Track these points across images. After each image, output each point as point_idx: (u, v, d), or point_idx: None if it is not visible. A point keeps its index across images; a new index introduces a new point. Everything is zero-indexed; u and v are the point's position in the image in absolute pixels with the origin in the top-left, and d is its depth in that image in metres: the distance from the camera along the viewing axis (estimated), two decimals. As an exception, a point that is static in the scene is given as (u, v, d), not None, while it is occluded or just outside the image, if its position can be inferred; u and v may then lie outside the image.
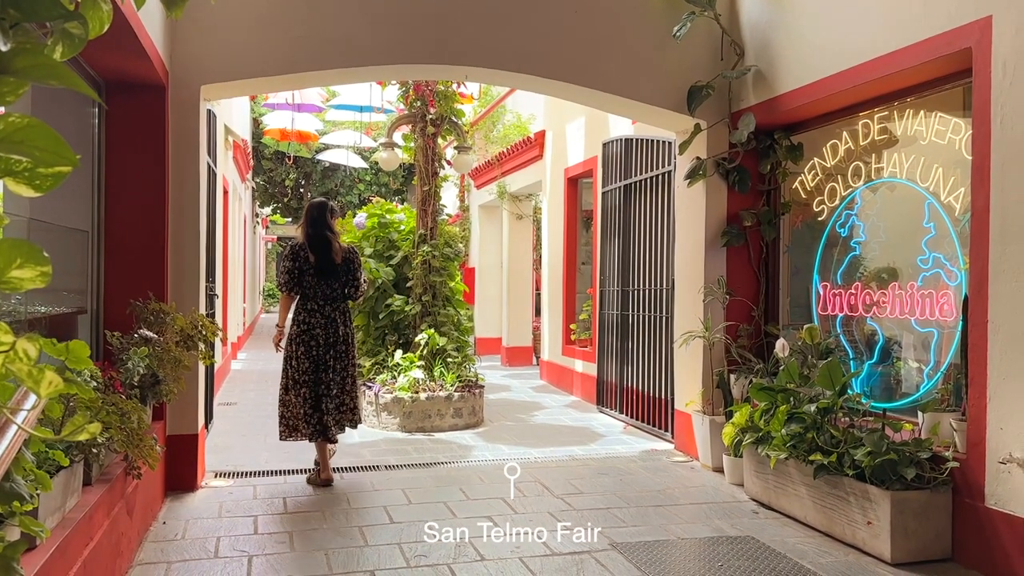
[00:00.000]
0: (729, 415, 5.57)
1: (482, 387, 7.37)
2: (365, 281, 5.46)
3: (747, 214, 5.95)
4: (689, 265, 6.17)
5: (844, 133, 5.40)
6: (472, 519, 4.46)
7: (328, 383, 5.19)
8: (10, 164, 1.06)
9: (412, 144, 7.70)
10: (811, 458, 4.36)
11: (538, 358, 12.10)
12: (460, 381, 7.18)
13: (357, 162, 16.98)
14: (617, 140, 7.78)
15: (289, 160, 18.43)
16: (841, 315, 5.42)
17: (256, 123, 17.71)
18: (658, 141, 6.99)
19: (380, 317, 7.67)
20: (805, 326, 5.13)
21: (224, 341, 10.40)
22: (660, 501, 4.93)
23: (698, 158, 5.94)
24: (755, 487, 4.97)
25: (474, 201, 13.96)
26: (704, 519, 4.59)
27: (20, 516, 1.82)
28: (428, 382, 6.99)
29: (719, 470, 5.61)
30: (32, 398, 1.31)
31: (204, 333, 4.68)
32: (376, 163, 18.82)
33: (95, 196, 4.65)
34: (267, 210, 20.81)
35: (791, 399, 4.83)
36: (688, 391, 6.09)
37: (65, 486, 2.71)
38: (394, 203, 8.87)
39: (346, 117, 15.34)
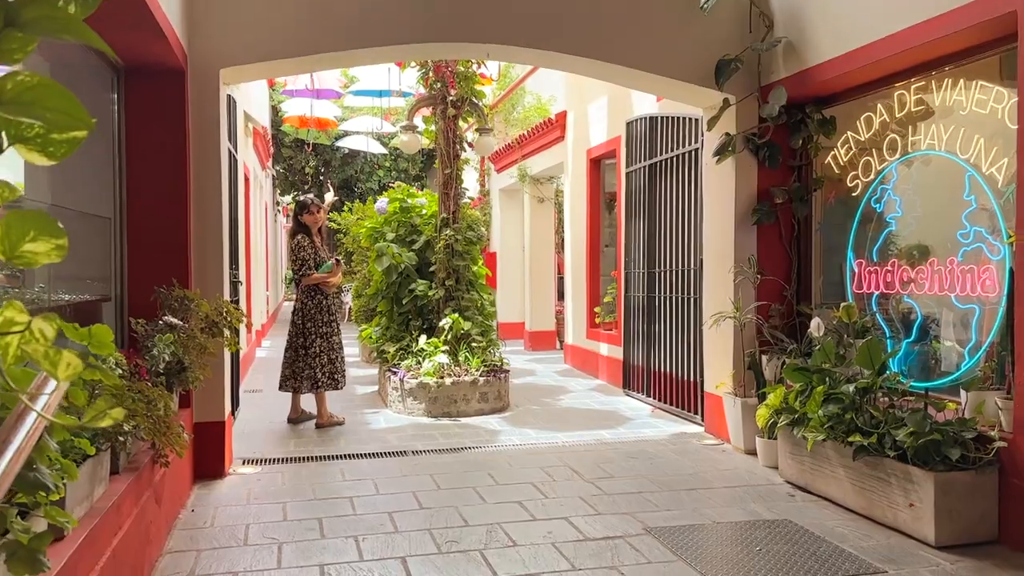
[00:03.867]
0: (762, 397, 5.46)
1: (507, 371, 7.29)
2: (295, 263, 6.51)
3: (778, 191, 5.80)
4: (718, 244, 6.04)
5: (879, 105, 5.23)
6: (502, 504, 4.40)
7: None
8: (21, 129, 0.97)
9: (432, 127, 7.59)
10: (850, 439, 4.25)
11: (562, 342, 12.01)
12: (485, 366, 7.11)
13: (376, 148, 16.88)
14: (641, 119, 7.63)
15: (308, 148, 18.39)
16: (877, 293, 5.27)
17: (275, 111, 17.69)
18: (684, 118, 6.84)
19: (403, 302, 7.61)
20: (842, 304, 4.99)
21: (248, 328, 10.41)
22: (692, 484, 4.83)
23: (727, 134, 5.79)
24: (790, 469, 4.86)
25: (494, 185, 13.84)
26: (739, 502, 4.49)
27: (46, 507, 1.76)
28: (453, 367, 6.93)
29: (751, 453, 5.50)
30: (52, 383, 1.25)
31: (229, 319, 4.64)
32: (396, 149, 18.77)
33: (116, 183, 4.61)
34: (287, 198, 20.82)
35: (827, 379, 4.70)
36: (718, 373, 5.98)
37: (92, 475, 2.66)
38: (415, 188, 8.78)
39: (365, 103, 15.25)
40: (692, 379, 6.63)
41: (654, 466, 5.24)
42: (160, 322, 4.10)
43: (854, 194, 5.48)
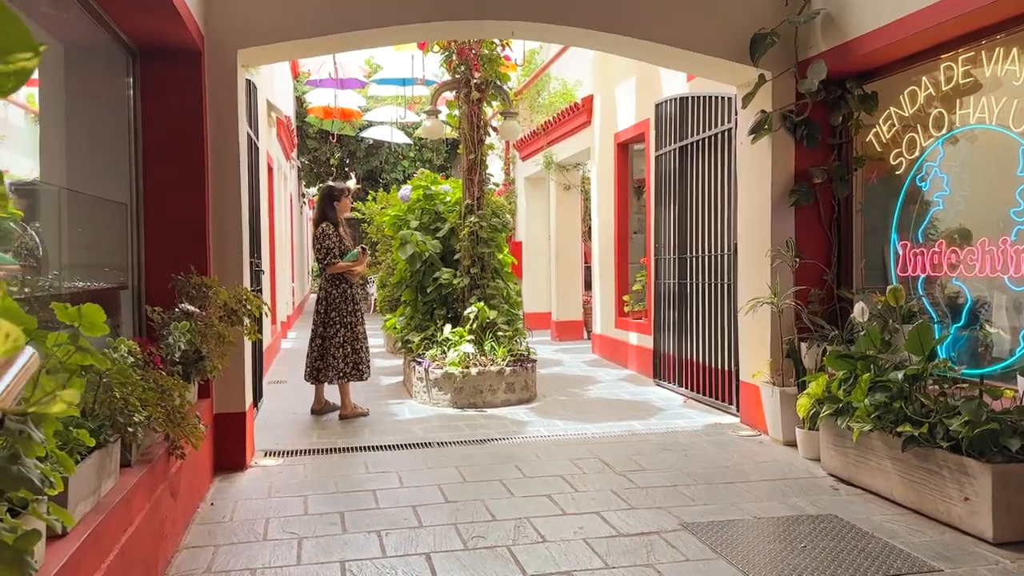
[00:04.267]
0: (802, 386, 5.22)
1: (534, 361, 7.11)
2: (320, 251, 6.34)
3: (817, 170, 5.54)
4: (754, 227, 5.80)
5: (924, 79, 4.95)
6: (530, 498, 4.23)
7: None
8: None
9: (456, 112, 7.42)
10: (899, 429, 4.01)
11: (589, 332, 11.81)
12: (511, 355, 6.93)
13: (401, 138, 16.76)
14: (671, 100, 7.38)
15: (333, 139, 18.31)
16: (923, 276, 5.01)
17: (300, 102, 17.62)
18: (716, 97, 6.59)
19: (428, 291, 7.45)
20: (889, 287, 4.73)
21: (273, 319, 10.34)
22: (730, 477, 4.62)
23: (763, 111, 5.54)
24: (833, 461, 4.63)
25: (519, 173, 13.64)
26: (779, 496, 4.27)
27: (33, 504, 1.62)
28: (479, 357, 6.76)
29: (791, 444, 5.27)
30: (14, 368, 1.10)
31: (248, 307, 4.51)
32: (420, 139, 18.64)
33: (132, 167, 4.49)
34: (313, 190, 20.80)
35: (872, 367, 4.46)
36: (755, 361, 5.74)
37: (99, 468, 2.53)
38: (439, 176, 8.61)
39: (389, 92, 15.11)
40: (726, 368, 6.40)
41: (688, 458, 5.03)
42: (177, 310, 3.98)
43: (897, 173, 5.21)
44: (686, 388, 7.12)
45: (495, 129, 7.43)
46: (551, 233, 12.31)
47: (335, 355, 6.25)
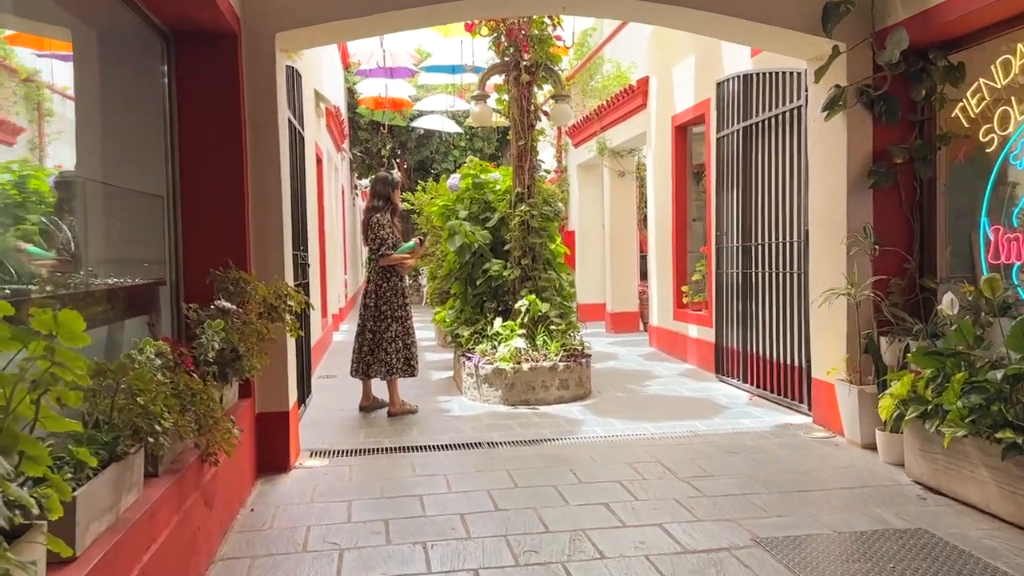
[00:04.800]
0: (882, 385, 4.80)
1: (589, 356, 6.80)
2: (374, 241, 6.13)
3: (897, 149, 5.09)
4: (827, 212, 5.37)
5: (1019, 46, 4.46)
6: (587, 507, 3.93)
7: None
8: None
9: (505, 96, 7.12)
10: (998, 436, 3.59)
11: (645, 324, 11.42)
12: (565, 350, 6.63)
13: (451, 127, 16.54)
14: (734, 78, 6.95)
15: (384, 129, 18.20)
16: (1017, 264, 4.53)
17: (351, 93, 17.55)
18: (784, 73, 6.15)
19: (477, 283, 7.19)
20: (984, 277, 4.28)
21: (323, 313, 10.24)
22: (805, 485, 4.25)
23: (837, 86, 5.10)
24: (919, 468, 4.21)
25: (571, 161, 13.28)
26: (861, 507, 3.89)
27: (5, 551, 1.38)
28: (531, 352, 6.48)
29: (869, 447, 4.86)
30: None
31: (289, 303, 4.30)
32: (471, 128, 18.40)
33: (168, 158, 4.32)
34: (365, 181, 20.78)
35: (964, 365, 4.03)
36: (829, 357, 5.33)
37: (117, 483, 2.33)
38: (492, 166, 8.33)
39: (439, 80, 14.89)
40: (796, 364, 5.98)
41: (758, 463, 4.66)
42: (212, 307, 3.79)
43: (988, 151, 4.73)
44: (751, 384, 6.71)
45: (546, 113, 7.10)
46: (605, 222, 11.94)
47: (387, 350, 6.04)
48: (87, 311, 3.65)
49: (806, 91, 5.74)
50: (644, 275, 11.80)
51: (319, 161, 10.16)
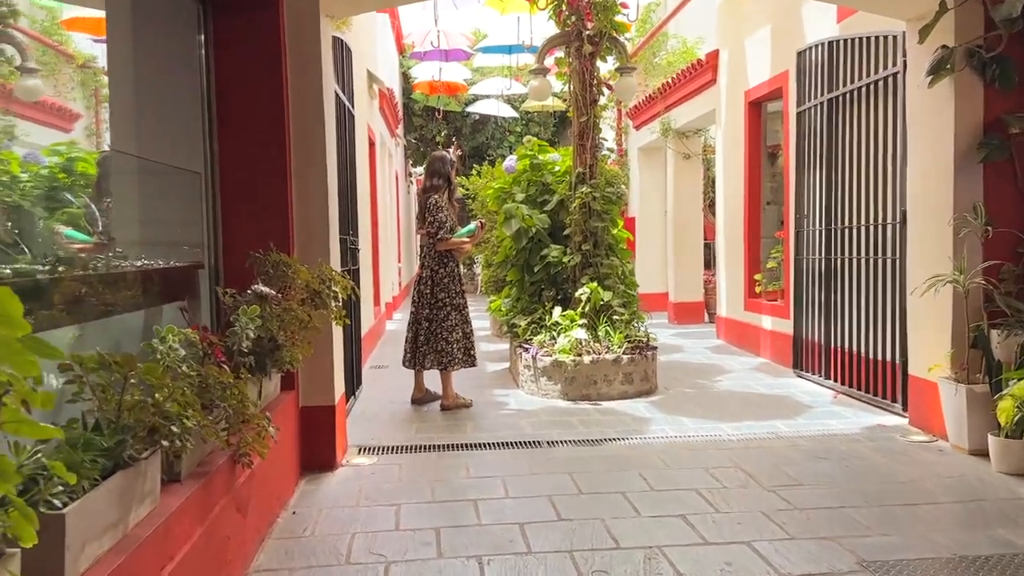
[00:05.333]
0: (997, 385, 4.23)
1: (655, 348, 6.33)
2: (432, 224, 5.74)
3: (1012, 119, 4.49)
4: (930, 190, 4.79)
5: None
6: (661, 519, 3.49)
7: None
8: None
9: (566, 70, 6.66)
10: None
11: (711, 314, 10.86)
12: (628, 341, 6.17)
13: (507, 112, 16.12)
14: (817, 46, 6.36)
15: (438, 115, 17.90)
16: None
17: (405, 78, 17.29)
18: (876, 38, 5.55)
19: (535, 270, 6.77)
20: None
21: (376, 301, 9.97)
22: (909, 497, 3.73)
23: (944, 47, 4.51)
24: (1048, 483, 3.65)
25: (632, 144, 12.73)
26: (979, 525, 3.37)
27: None
28: (592, 343, 6.04)
29: (979, 454, 4.30)
30: None
31: (334, 289, 3.96)
32: (527, 113, 17.95)
33: (206, 132, 4.01)
34: (420, 168, 20.56)
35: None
36: (930, 352, 4.76)
37: (123, 494, 1.99)
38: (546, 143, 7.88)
39: (495, 62, 14.47)
40: (890, 359, 5.42)
41: (852, 471, 4.15)
42: (249, 292, 3.46)
43: (1126, 117, 4.10)
44: (836, 381, 6.15)
45: (609, 87, 6.62)
46: (668, 207, 11.39)
47: (447, 339, 5.70)
48: (117, 295, 3.37)
49: (903, 56, 5.16)
50: (708, 263, 11.23)
51: (372, 144, 9.87)
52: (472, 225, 5.81)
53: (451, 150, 5.69)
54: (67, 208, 3.68)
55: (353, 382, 5.94)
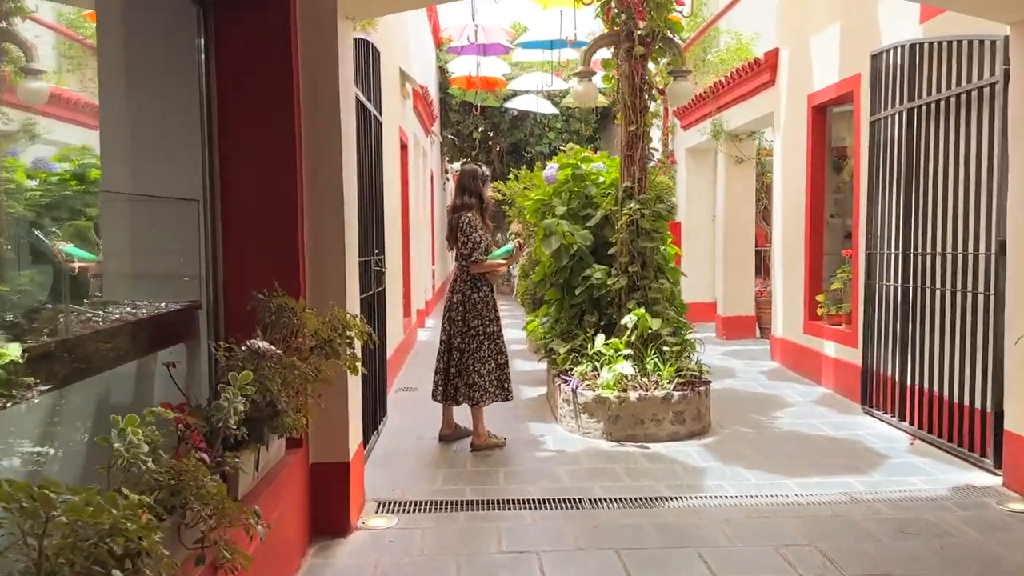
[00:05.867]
0: None
1: (708, 382, 5.72)
2: (465, 245, 5.24)
3: None
4: (1042, 220, 4.12)
5: None
6: (728, 626, 2.92)
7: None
8: None
9: (614, 73, 6.05)
10: None
11: (762, 329, 10.18)
12: (679, 375, 5.58)
13: (547, 108, 15.52)
14: (895, 48, 5.67)
15: (476, 111, 17.37)
16: None
17: (443, 72, 16.78)
18: (968, 42, 4.87)
19: (576, 292, 6.20)
20: None
21: (407, 311, 9.50)
22: (1027, 602, 3.10)
23: (1066, 54, 3.83)
24: None
25: (679, 145, 12.05)
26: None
27: None
28: (640, 378, 5.46)
29: (1101, 536, 3.64)
30: None
31: (349, 336, 3.45)
32: (568, 108, 17.32)
33: (205, 152, 3.52)
34: (456, 165, 20.06)
35: None
36: (1037, 409, 4.10)
37: None
38: (589, 150, 7.29)
39: (534, 57, 13.87)
40: (978, 407, 4.76)
41: (947, 555, 3.53)
42: (244, 347, 2.96)
43: None
44: (912, 424, 5.49)
45: (661, 92, 6.01)
46: (717, 213, 10.71)
47: (479, 372, 5.17)
48: (100, 348, 2.90)
49: (1005, 64, 4.48)
50: (758, 270, 10.55)
51: (404, 147, 9.37)
52: (509, 245, 5.28)
53: (482, 166, 5.13)
54: (75, 221, 3.26)
55: (376, 415, 5.46)
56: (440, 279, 17.12)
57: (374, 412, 5.39)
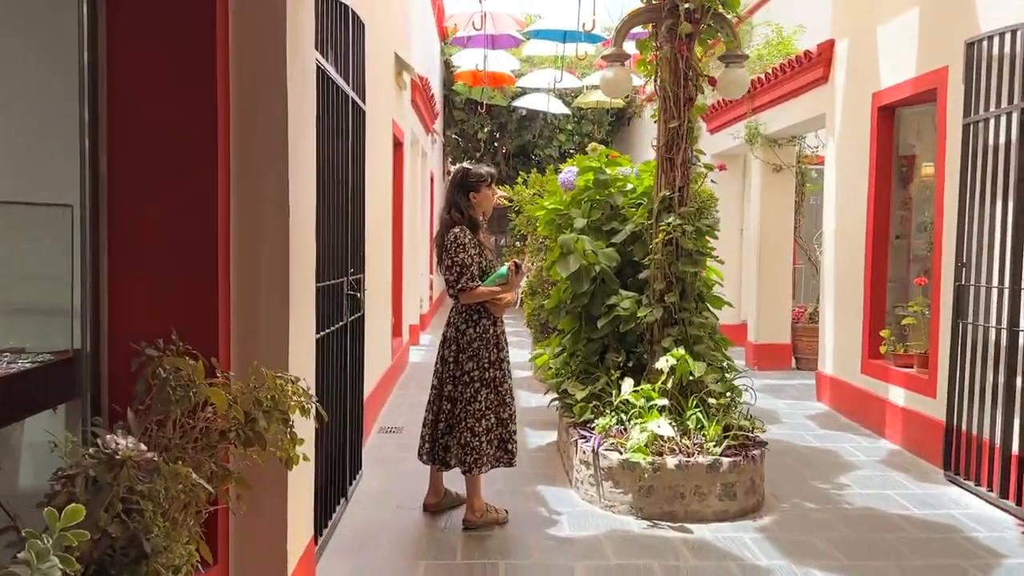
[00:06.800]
0: None
1: (764, 444, 4.59)
2: (451, 269, 4.10)
3: None
4: None
5: None
6: None
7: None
8: None
9: (650, 57, 4.94)
10: None
11: (797, 359, 9.05)
12: (727, 433, 4.45)
13: (558, 107, 14.43)
14: (1001, 34, 4.56)
15: (482, 109, 16.27)
16: None
17: (447, 66, 15.69)
18: None
19: (599, 324, 5.07)
20: None
21: (397, 331, 8.39)
22: None
23: None
24: None
25: (705, 149, 10.90)
26: None
27: None
28: (681, 440, 4.33)
29: None
30: None
31: (280, 409, 2.33)
32: (579, 109, 16.21)
33: (84, 142, 2.42)
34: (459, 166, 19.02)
35: None
36: None
37: None
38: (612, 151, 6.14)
39: (546, 51, 12.76)
40: None
41: None
42: (92, 451, 1.84)
43: None
44: (1020, 504, 4.36)
45: (712, 81, 4.88)
46: (748, 225, 9.60)
47: (474, 429, 4.07)
48: None
49: None
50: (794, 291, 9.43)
51: (398, 145, 8.26)
52: (502, 269, 4.14)
53: (482, 166, 4.04)
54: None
55: (347, 475, 4.35)
56: (441, 287, 16.01)
57: (343, 471, 4.28)
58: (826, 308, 7.22)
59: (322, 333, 3.56)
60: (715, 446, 4.34)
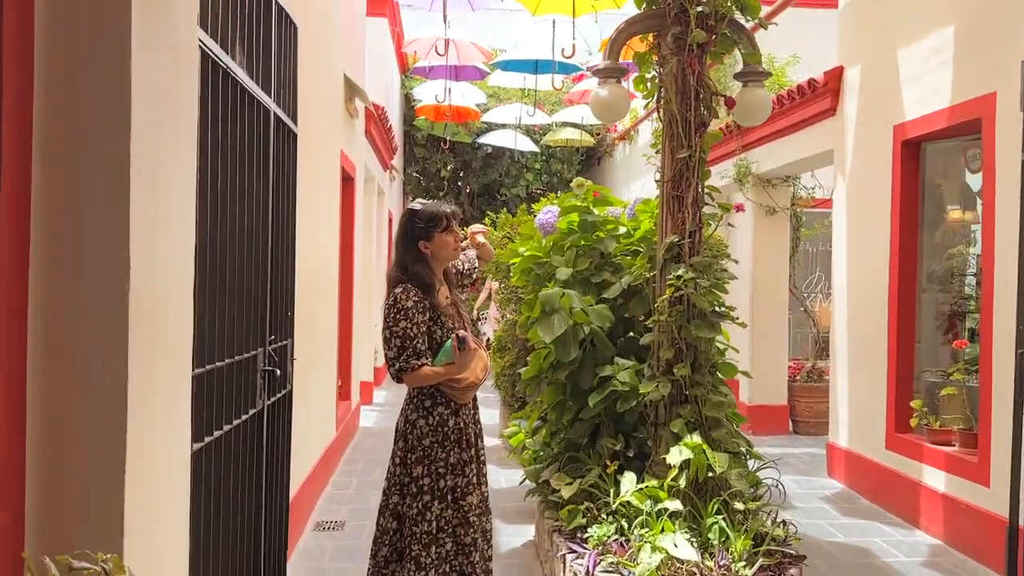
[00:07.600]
0: None
1: (803, 558, 3.61)
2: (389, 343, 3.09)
3: None
4: None
5: None
6: None
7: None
8: None
9: (652, 72, 4.05)
10: None
11: (795, 422, 8.17)
12: (759, 550, 3.47)
13: (526, 145, 13.63)
14: (1080, 48, 3.77)
15: (445, 146, 15.38)
16: None
17: (407, 100, 14.83)
18: None
19: (590, 402, 4.07)
20: None
21: (344, 394, 7.33)
22: None
23: None
24: None
25: (685, 190, 10.14)
26: None
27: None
28: (704, 562, 3.33)
29: None
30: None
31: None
32: (548, 147, 15.41)
33: None
34: (419, 204, 18.04)
35: None
36: None
37: None
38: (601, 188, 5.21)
39: (514, 83, 11.94)
40: None
41: None
42: None
43: None
44: None
45: (729, 102, 4.00)
46: (739, 273, 8.73)
47: (418, 560, 3.02)
48: None
49: None
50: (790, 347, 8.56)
51: (349, 180, 7.28)
52: (447, 344, 3.11)
53: (441, 204, 3.10)
54: None
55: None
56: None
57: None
58: (837, 371, 6.34)
59: (214, 436, 2.51)
60: (745, 567, 3.34)
